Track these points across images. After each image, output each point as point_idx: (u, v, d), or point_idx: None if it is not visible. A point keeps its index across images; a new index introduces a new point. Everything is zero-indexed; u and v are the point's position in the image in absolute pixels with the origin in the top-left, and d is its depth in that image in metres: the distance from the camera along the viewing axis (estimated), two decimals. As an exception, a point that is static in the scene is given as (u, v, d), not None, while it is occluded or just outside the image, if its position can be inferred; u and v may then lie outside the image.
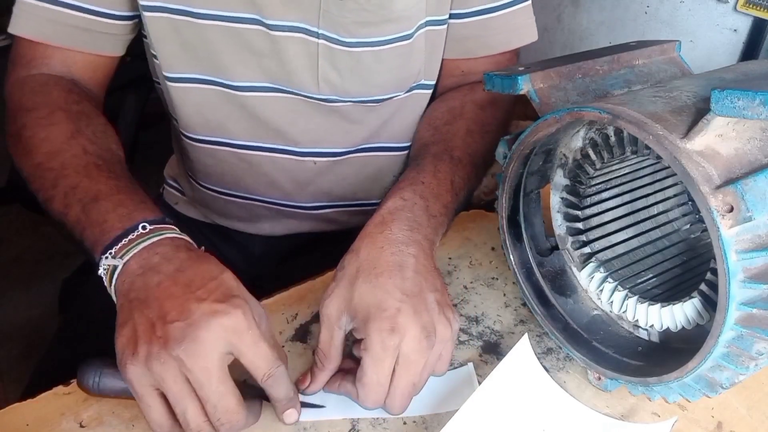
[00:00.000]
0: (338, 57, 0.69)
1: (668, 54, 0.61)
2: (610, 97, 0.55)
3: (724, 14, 1.65)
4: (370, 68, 0.70)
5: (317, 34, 0.67)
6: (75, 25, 0.67)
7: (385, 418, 0.52)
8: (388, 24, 0.68)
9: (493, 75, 0.55)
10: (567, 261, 0.60)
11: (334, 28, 0.67)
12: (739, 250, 0.40)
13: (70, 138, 0.60)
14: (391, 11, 0.67)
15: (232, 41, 0.68)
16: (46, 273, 1.80)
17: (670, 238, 0.62)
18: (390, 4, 0.67)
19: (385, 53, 0.70)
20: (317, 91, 0.71)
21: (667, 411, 0.54)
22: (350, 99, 0.73)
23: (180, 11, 0.66)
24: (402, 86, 0.75)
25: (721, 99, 0.39)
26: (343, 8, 0.65)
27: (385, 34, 0.69)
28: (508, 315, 0.63)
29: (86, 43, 0.69)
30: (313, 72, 0.70)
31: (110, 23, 0.68)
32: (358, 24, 0.67)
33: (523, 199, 0.59)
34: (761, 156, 0.43)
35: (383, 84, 0.73)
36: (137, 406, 0.52)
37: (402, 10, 0.68)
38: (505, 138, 0.56)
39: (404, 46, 0.70)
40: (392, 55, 0.70)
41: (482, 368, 0.57)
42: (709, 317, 0.50)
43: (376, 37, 0.68)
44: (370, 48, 0.69)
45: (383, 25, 0.68)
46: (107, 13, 0.68)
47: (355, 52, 0.69)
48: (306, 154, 0.77)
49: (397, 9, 0.67)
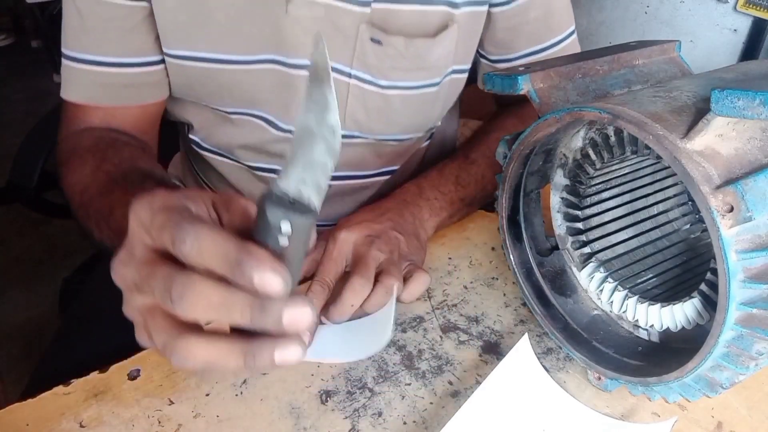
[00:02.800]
0: (369, 97, 0.70)
1: (668, 54, 0.61)
2: (610, 97, 0.55)
3: (724, 14, 1.65)
4: (397, 110, 0.72)
5: (349, 74, 0.68)
6: (118, 83, 0.68)
7: (385, 418, 0.52)
8: (420, 71, 0.70)
9: (493, 75, 0.56)
10: (567, 261, 0.60)
11: (368, 69, 0.68)
12: (739, 250, 0.40)
13: (95, 170, 0.63)
14: (426, 60, 0.69)
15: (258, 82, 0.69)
16: (46, 273, 1.80)
17: (670, 238, 0.62)
18: (427, 54, 0.68)
19: (414, 97, 0.72)
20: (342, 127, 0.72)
21: (667, 411, 0.54)
22: (373, 136, 0.75)
23: (203, 59, 0.67)
24: (422, 128, 0.78)
25: (721, 99, 0.39)
26: (381, 53, 0.67)
27: (417, 80, 0.71)
28: (508, 315, 0.63)
29: (130, 98, 0.70)
30: (340, 108, 0.70)
31: (154, 70, 0.69)
32: (394, 68, 0.69)
33: (523, 199, 0.59)
34: (761, 156, 0.43)
35: (407, 125, 0.75)
36: (137, 406, 0.52)
37: (436, 60, 0.70)
38: (505, 138, 0.57)
39: (431, 93, 0.73)
40: (419, 100, 0.73)
41: (482, 368, 0.57)
42: (709, 317, 0.50)
43: (408, 81, 0.70)
44: (401, 91, 0.71)
45: (416, 72, 0.70)
46: (147, 61, 0.68)
47: (386, 94, 0.70)
48: None
49: (432, 58, 0.69)
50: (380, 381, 0.55)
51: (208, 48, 0.66)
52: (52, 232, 1.97)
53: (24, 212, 1.28)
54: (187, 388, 0.54)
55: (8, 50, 3.37)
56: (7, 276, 1.83)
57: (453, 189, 0.72)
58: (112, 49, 0.67)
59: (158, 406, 0.52)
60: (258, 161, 0.77)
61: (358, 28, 0.65)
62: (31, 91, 2.92)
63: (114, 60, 0.67)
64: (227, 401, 0.53)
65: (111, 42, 0.66)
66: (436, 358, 0.58)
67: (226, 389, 0.54)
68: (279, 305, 0.33)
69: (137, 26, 0.66)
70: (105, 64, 0.67)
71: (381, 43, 0.66)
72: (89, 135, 0.69)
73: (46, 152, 1.01)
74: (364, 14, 0.64)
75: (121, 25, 0.65)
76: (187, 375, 0.55)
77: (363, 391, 0.54)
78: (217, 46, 0.66)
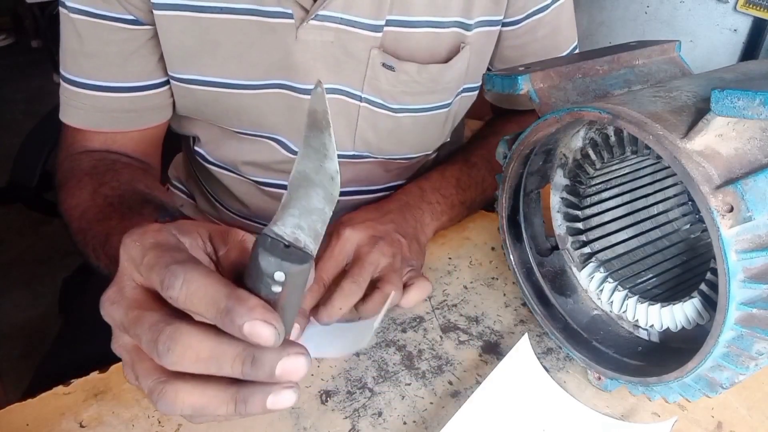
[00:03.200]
0: (380, 119, 0.70)
1: (668, 54, 0.61)
2: (610, 97, 0.55)
3: (724, 14, 1.65)
4: (408, 131, 0.72)
5: (360, 98, 0.68)
6: (119, 109, 0.67)
7: (385, 418, 0.52)
8: (432, 94, 0.70)
9: (493, 75, 0.56)
10: (567, 261, 0.60)
11: (379, 93, 0.68)
12: (739, 250, 0.40)
13: (93, 194, 0.61)
14: (438, 84, 0.69)
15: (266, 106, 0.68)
16: (46, 273, 1.80)
17: (670, 238, 0.62)
18: (439, 78, 0.68)
19: (425, 119, 0.72)
20: (352, 148, 0.73)
21: (667, 411, 0.54)
22: (382, 156, 0.75)
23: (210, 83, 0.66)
24: (432, 147, 0.78)
25: (721, 99, 0.39)
26: (393, 79, 0.67)
27: (429, 103, 0.71)
28: (508, 315, 0.63)
29: (131, 122, 0.68)
30: (350, 130, 0.71)
31: (154, 93, 0.68)
32: (406, 93, 0.68)
33: (523, 199, 0.59)
34: (761, 156, 0.43)
35: (417, 145, 0.75)
36: (137, 406, 0.52)
37: (447, 83, 0.70)
38: (505, 138, 0.56)
39: (442, 114, 0.73)
40: (430, 121, 0.73)
41: (482, 368, 0.57)
42: (709, 317, 0.50)
43: (420, 104, 0.70)
44: (412, 114, 0.71)
45: (429, 95, 0.70)
46: (148, 85, 0.67)
47: (397, 116, 0.70)
48: None
49: (444, 81, 0.69)
50: (380, 381, 0.55)
51: (216, 73, 0.65)
52: (52, 232, 1.97)
53: (24, 212, 1.28)
54: (187, 388, 0.54)
55: (8, 50, 3.37)
56: (7, 276, 1.83)
57: (454, 192, 0.71)
58: (113, 74, 0.65)
59: (158, 406, 0.52)
60: (265, 177, 0.77)
61: (370, 53, 0.65)
62: (31, 91, 2.92)
63: (114, 84, 0.65)
64: (227, 401, 0.53)
65: (111, 66, 0.64)
66: (436, 358, 0.58)
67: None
68: (272, 356, 0.32)
69: (139, 50, 0.64)
70: (105, 89, 0.65)
71: (393, 69, 0.66)
72: (88, 158, 0.67)
73: (46, 152, 1.01)
74: (375, 39, 0.64)
75: (122, 49, 0.64)
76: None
77: (363, 391, 0.54)
78: (225, 71, 0.65)
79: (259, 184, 0.77)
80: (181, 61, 0.65)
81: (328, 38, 0.63)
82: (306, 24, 0.62)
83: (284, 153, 0.72)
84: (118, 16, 0.62)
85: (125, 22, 0.62)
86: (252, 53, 0.64)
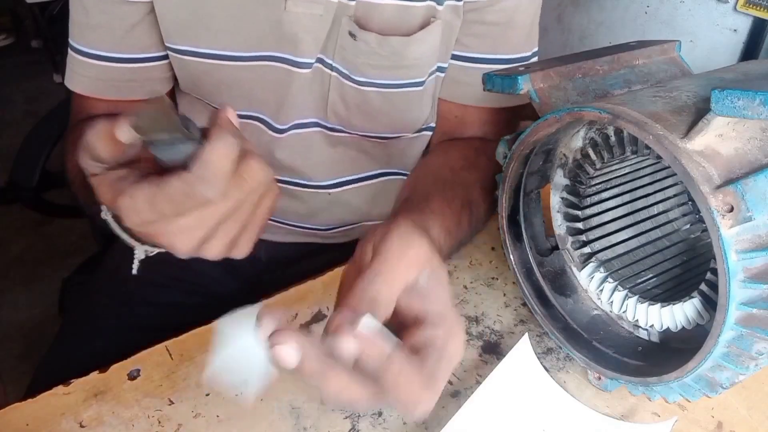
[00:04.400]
0: (347, 91, 0.70)
1: (668, 54, 0.61)
2: (610, 97, 0.55)
3: (724, 14, 1.65)
4: (377, 108, 0.71)
5: (331, 66, 0.68)
6: (120, 78, 0.69)
7: (385, 418, 0.52)
8: (399, 69, 0.69)
9: (493, 75, 0.56)
10: (567, 261, 0.60)
11: (345, 64, 0.68)
12: (739, 250, 0.40)
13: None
14: (404, 58, 0.67)
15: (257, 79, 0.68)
16: (46, 273, 1.80)
17: (670, 238, 0.62)
18: (404, 51, 0.67)
19: (395, 96, 0.71)
20: (324, 118, 0.73)
21: (667, 411, 0.54)
22: (356, 132, 0.74)
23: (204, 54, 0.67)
24: (410, 128, 0.76)
25: (721, 99, 0.39)
26: (355, 48, 0.66)
27: (397, 79, 0.69)
28: (508, 315, 0.63)
29: (133, 91, 0.70)
30: (323, 101, 0.71)
31: (155, 66, 0.70)
32: (369, 65, 0.68)
33: (523, 199, 0.59)
34: (761, 156, 0.43)
35: (390, 124, 0.74)
36: (137, 406, 0.52)
37: (415, 59, 0.68)
38: (506, 138, 0.56)
39: (416, 92, 0.71)
40: (402, 99, 0.71)
41: (482, 368, 0.57)
42: (709, 317, 0.50)
43: (386, 80, 0.69)
44: (379, 89, 0.70)
45: (395, 70, 0.68)
46: (150, 57, 0.69)
47: (363, 90, 0.69)
48: (320, 186, 0.79)
49: (411, 56, 0.68)
50: (380, 381, 0.55)
51: (209, 44, 0.67)
52: (52, 232, 1.97)
53: (24, 212, 1.29)
54: (187, 388, 0.54)
55: (8, 50, 3.37)
56: (7, 276, 1.83)
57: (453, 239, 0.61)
58: (115, 45, 0.67)
59: (158, 406, 0.52)
60: None
61: (341, 21, 0.65)
62: (31, 91, 2.92)
63: (116, 55, 0.68)
64: (227, 401, 0.53)
65: (114, 38, 0.67)
66: (436, 358, 0.57)
67: (226, 389, 0.54)
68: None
69: (140, 23, 0.67)
70: (108, 59, 0.68)
71: (355, 38, 0.66)
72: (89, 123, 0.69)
73: (46, 152, 1.01)
74: (349, 7, 0.65)
75: (124, 22, 0.66)
76: (187, 375, 0.55)
77: (363, 391, 0.54)
78: (218, 43, 0.66)
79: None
80: (177, 33, 0.67)
81: (317, 11, 0.64)
82: None
83: (269, 133, 0.73)
84: None
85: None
86: (244, 25, 0.65)
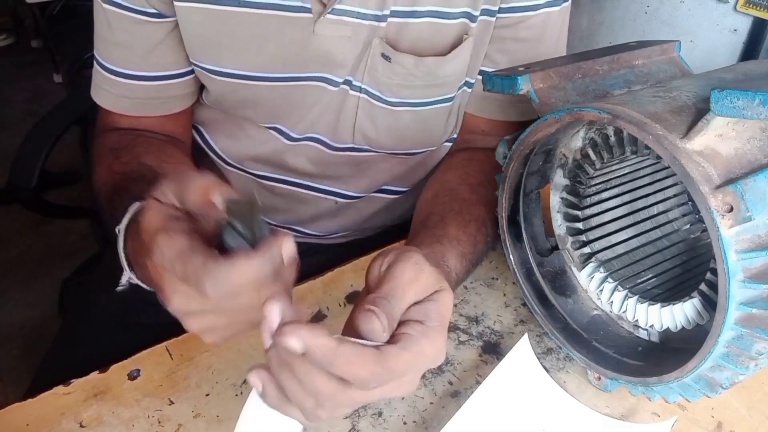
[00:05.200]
0: (377, 113, 0.69)
1: (668, 54, 0.61)
2: (610, 97, 0.55)
3: (724, 14, 1.65)
4: (407, 126, 0.71)
5: (359, 88, 0.68)
6: (144, 96, 0.69)
7: (385, 418, 0.52)
8: (432, 88, 0.68)
9: (493, 75, 0.56)
10: (567, 261, 0.60)
11: (377, 85, 0.67)
12: (739, 250, 0.40)
13: (108, 170, 0.64)
14: (437, 77, 0.67)
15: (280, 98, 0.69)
16: (46, 273, 1.80)
17: (670, 238, 0.62)
18: (437, 71, 0.67)
19: (426, 113, 0.71)
20: (351, 141, 0.72)
21: (667, 411, 0.54)
22: (383, 151, 0.74)
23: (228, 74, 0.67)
24: (436, 142, 0.76)
25: (720, 99, 0.39)
26: (389, 70, 0.66)
27: (429, 97, 0.69)
28: (508, 315, 0.63)
29: (156, 108, 0.71)
30: (350, 123, 0.71)
31: (177, 83, 0.70)
32: (402, 86, 0.67)
33: (523, 199, 0.59)
34: (761, 156, 0.43)
35: (418, 140, 0.74)
36: (137, 406, 0.52)
37: (447, 76, 0.68)
38: (506, 138, 0.56)
39: (444, 108, 0.71)
40: (432, 116, 0.71)
41: (482, 368, 0.57)
42: (709, 317, 0.50)
43: (419, 98, 0.69)
44: (411, 108, 0.69)
45: (428, 89, 0.68)
46: (172, 74, 0.69)
47: (395, 111, 0.69)
48: (328, 192, 0.79)
49: (443, 75, 0.68)
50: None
51: (233, 64, 0.66)
52: (52, 232, 1.97)
53: (24, 212, 1.29)
54: (187, 388, 0.54)
55: (8, 50, 3.37)
56: (7, 276, 1.83)
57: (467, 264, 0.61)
58: (138, 64, 0.67)
59: (158, 406, 0.52)
60: (265, 171, 0.78)
61: (372, 43, 0.64)
62: (31, 91, 2.91)
63: (140, 74, 0.68)
64: (227, 401, 0.53)
65: (137, 56, 0.67)
66: (436, 358, 0.58)
67: (226, 389, 0.54)
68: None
69: (163, 41, 0.66)
70: (131, 77, 0.68)
71: (390, 60, 0.65)
72: (114, 135, 0.70)
73: (45, 152, 1.01)
74: (380, 29, 0.64)
75: (148, 42, 0.66)
76: (187, 375, 0.55)
77: (363, 391, 0.54)
78: (242, 63, 0.66)
79: (259, 178, 0.78)
80: (201, 51, 0.67)
81: (345, 33, 0.63)
82: (323, 18, 0.62)
83: (283, 141, 0.73)
84: (142, 9, 0.64)
85: (149, 15, 0.64)
86: (269, 46, 0.65)
